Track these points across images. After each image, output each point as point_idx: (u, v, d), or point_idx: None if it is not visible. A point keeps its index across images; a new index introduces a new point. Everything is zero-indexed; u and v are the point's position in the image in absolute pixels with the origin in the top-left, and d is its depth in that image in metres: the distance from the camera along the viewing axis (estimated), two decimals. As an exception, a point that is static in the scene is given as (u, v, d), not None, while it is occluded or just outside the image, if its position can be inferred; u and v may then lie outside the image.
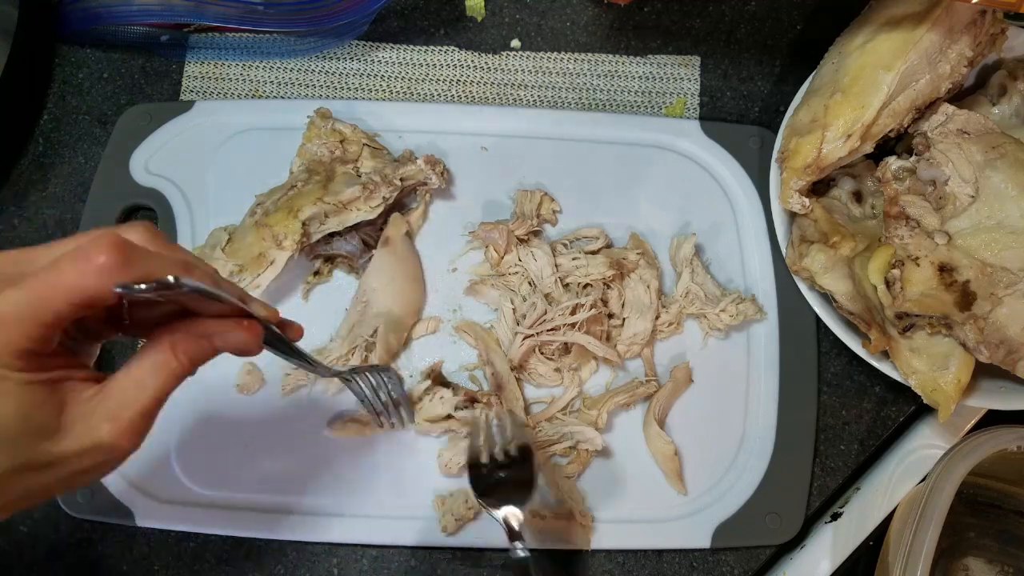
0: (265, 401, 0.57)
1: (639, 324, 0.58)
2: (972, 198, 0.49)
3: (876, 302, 0.50)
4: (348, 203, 0.56)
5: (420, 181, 0.59)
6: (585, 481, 0.57)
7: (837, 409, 0.60)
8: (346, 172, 0.58)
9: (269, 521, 0.55)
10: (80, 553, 0.56)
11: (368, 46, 0.65)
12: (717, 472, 0.58)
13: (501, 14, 0.65)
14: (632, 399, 0.57)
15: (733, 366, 0.59)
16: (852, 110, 0.52)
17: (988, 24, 0.52)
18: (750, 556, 0.57)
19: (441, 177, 0.59)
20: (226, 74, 0.64)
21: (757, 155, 0.62)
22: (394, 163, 0.59)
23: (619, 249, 0.60)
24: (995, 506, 0.58)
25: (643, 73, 0.65)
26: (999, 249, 0.48)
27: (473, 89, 0.64)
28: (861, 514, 0.57)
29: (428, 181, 0.59)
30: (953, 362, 0.50)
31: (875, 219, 0.56)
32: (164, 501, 0.56)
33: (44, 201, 0.61)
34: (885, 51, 0.52)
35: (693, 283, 0.59)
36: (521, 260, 0.58)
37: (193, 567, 0.56)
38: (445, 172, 0.60)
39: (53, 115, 0.63)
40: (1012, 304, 0.48)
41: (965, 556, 0.58)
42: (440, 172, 0.59)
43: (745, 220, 0.62)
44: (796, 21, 0.66)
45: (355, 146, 0.59)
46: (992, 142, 0.50)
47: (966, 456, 0.50)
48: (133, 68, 0.64)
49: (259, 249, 0.55)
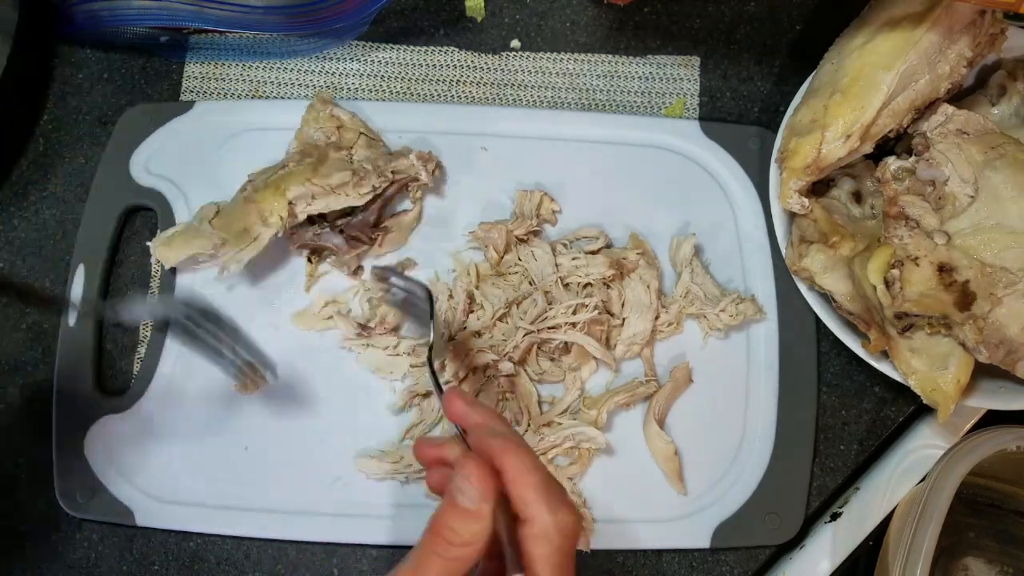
0: (265, 401, 0.57)
1: (639, 324, 0.58)
2: (972, 198, 0.49)
3: (876, 302, 0.50)
4: (336, 187, 0.56)
5: (411, 176, 0.58)
6: (585, 481, 0.57)
7: (837, 409, 0.60)
8: (339, 158, 0.57)
9: (269, 521, 0.55)
10: (80, 553, 0.56)
11: (368, 46, 0.65)
12: (717, 472, 0.58)
13: (501, 14, 0.65)
14: (632, 399, 0.57)
15: (733, 366, 0.59)
16: (852, 110, 0.52)
17: (987, 24, 0.52)
18: (750, 556, 0.57)
19: (432, 175, 0.58)
20: (226, 74, 0.64)
21: (757, 155, 0.62)
22: (388, 156, 0.59)
23: (619, 249, 0.60)
24: (995, 506, 0.58)
25: (643, 73, 0.65)
26: (998, 249, 0.48)
27: (473, 89, 0.65)
28: (861, 514, 0.57)
29: (419, 177, 0.58)
30: (952, 362, 0.50)
31: (875, 219, 0.56)
32: (164, 501, 0.56)
33: (44, 201, 0.61)
34: (885, 51, 0.52)
35: (693, 283, 0.59)
36: (521, 259, 0.59)
37: (193, 567, 0.56)
38: (438, 169, 0.60)
39: (53, 115, 0.63)
40: (1011, 304, 0.48)
41: (965, 556, 0.58)
42: (431, 169, 0.58)
43: (745, 220, 0.62)
44: (796, 21, 0.66)
45: (351, 133, 0.59)
46: (991, 142, 0.50)
47: (966, 456, 0.50)
48: (133, 68, 0.64)
49: (244, 224, 0.55)
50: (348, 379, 0.58)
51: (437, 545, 0.33)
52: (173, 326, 0.51)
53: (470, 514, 0.32)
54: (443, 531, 0.33)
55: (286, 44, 0.65)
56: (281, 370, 0.58)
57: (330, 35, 0.63)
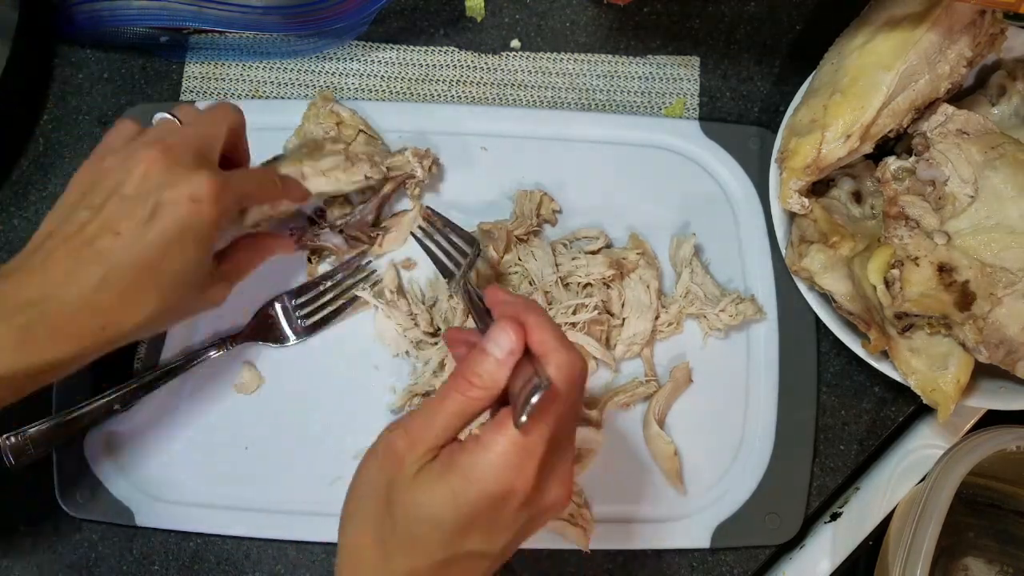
0: (265, 401, 0.57)
1: (639, 324, 0.58)
2: (971, 198, 0.49)
3: (875, 302, 0.50)
4: (327, 171, 0.55)
5: (407, 173, 0.58)
6: (584, 481, 0.57)
7: (836, 409, 0.60)
8: (335, 149, 0.57)
9: (269, 521, 0.56)
10: (80, 553, 0.56)
11: (368, 46, 0.65)
12: (717, 472, 0.58)
13: (501, 14, 0.65)
14: (632, 399, 0.57)
15: (733, 366, 0.59)
16: (851, 110, 0.52)
17: (987, 24, 0.52)
18: (750, 556, 0.58)
19: (428, 171, 0.58)
20: (226, 74, 0.64)
21: (757, 155, 0.62)
22: (386, 153, 0.59)
23: (619, 249, 0.60)
24: (995, 506, 0.58)
25: (643, 73, 0.65)
26: (998, 249, 0.48)
27: (473, 89, 0.65)
28: (860, 514, 0.57)
29: (415, 174, 0.58)
30: (952, 362, 0.50)
31: (875, 219, 0.56)
32: (164, 501, 0.56)
33: (44, 201, 0.61)
34: (885, 51, 0.52)
35: (693, 283, 0.59)
36: (521, 259, 0.59)
37: (193, 567, 0.56)
38: (434, 166, 0.59)
39: (53, 115, 0.63)
40: (1011, 304, 0.48)
41: (965, 556, 0.58)
42: (428, 166, 0.58)
43: (745, 220, 0.62)
44: (796, 21, 0.66)
45: (351, 130, 0.59)
46: (991, 142, 0.50)
47: (966, 456, 0.50)
48: (133, 68, 0.64)
49: None
50: (348, 379, 0.58)
51: (460, 385, 0.37)
52: None
53: (498, 362, 0.37)
54: (468, 374, 0.37)
55: (286, 44, 0.65)
56: (281, 370, 0.58)
57: (330, 35, 0.63)
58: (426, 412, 0.38)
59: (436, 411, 0.38)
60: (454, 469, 0.37)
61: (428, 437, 0.38)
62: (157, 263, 0.42)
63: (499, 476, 0.36)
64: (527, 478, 0.37)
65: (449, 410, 0.38)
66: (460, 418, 0.38)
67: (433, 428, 0.38)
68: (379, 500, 0.38)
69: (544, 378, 0.36)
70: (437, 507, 0.36)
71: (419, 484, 0.37)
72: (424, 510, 0.36)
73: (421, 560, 0.37)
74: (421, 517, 0.37)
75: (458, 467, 0.37)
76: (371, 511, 0.38)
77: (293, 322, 0.58)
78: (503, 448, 0.36)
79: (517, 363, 0.37)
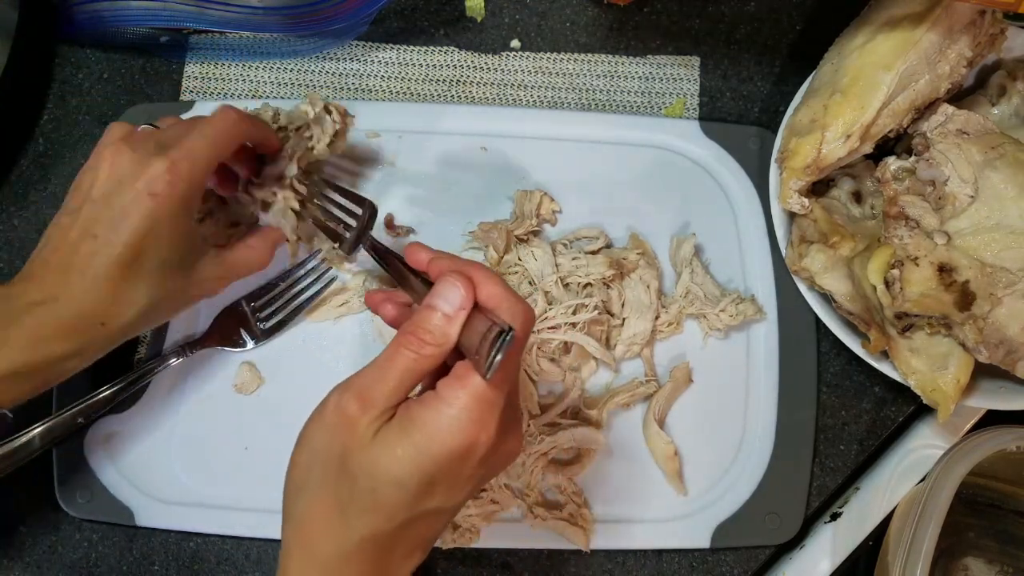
0: (264, 400, 0.57)
1: (639, 324, 0.58)
2: (971, 198, 0.49)
3: (875, 302, 0.50)
4: None
5: (306, 123, 0.53)
6: (585, 481, 0.57)
7: (836, 409, 0.60)
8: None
9: (270, 521, 0.55)
10: (80, 553, 0.56)
11: (368, 46, 0.65)
12: (717, 472, 0.58)
13: (501, 14, 0.65)
14: (632, 399, 0.57)
15: (733, 366, 0.59)
16: (851, 110, 0.52)
17: (987, 24, 0.52)
18: (750, 556, 0.58)
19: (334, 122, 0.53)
20: (226, 74, 0.64)
21: (757, 155, 0.62)
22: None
23: (619, 249, 0.60)
24: (995, 506, 0.58)
25: (643, 73, 0.65)
26: (998, 249, 0.48)
27: (473, 89, 0.65)
28: (860, 514, 0.57)
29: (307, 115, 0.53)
30: (952, 362, 0.50)
31: (875, 219, 0.56)
32: (164, 501, 0.56)
33: (44, 201, 0.62)
34: (885, 51, 0.52)
35: (693, 283, 0.59)
36: (521, 259, 0.59)
37: (193, 567, 0.56)
38: (347, 119, 0.55)
39: (53, 115, 0.63)
40: (1011, 304, 0.48)
41: (965, 556, 0.58)
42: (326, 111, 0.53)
43: (745, 220, 0.62)
44: (796, 21, 0.66)
45: None
46: (991, 142, 0.50)
47: (966, 456, 0.50)
48: (133, 68, 0.64)
49: None
50: (348, 379, 0.58)
51: (411, 343, 0.37)
52: None
53: (448, 318, 0.37)
54: (418, 331, 0.37)
55: (286, 44, 0.65)
56: (281, 370, 0.58)
57: (330, 35, 0.63)
58: (376, 372, 0.38)
59: (387, 370, 0.37)
60: (416, 427, 0.36)
61: (381, 398, 0.37)
62: (137, 257, 0.44)
63: (464, 431, 0.36)
64: (490, 431, 0.36)
65: (400, 368, 0.37)
66: (413, 376, 0.37)
67: (385, 388, 0.37)
68: (332, 466, 0.37)
69: (507, 326, 0.36)
70: (400, 467, 0.36)
71: (379, 445, 0.36)
72: (386, 472, 0.36)
73: (384, 523, 0.37)
74: (384, 479, 0.36)
75: (420, 425, 0.36)
76: (325, 478, 0.38)
77: (252, 327, 0.58)
78: (465, 403, 0.36)
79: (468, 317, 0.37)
